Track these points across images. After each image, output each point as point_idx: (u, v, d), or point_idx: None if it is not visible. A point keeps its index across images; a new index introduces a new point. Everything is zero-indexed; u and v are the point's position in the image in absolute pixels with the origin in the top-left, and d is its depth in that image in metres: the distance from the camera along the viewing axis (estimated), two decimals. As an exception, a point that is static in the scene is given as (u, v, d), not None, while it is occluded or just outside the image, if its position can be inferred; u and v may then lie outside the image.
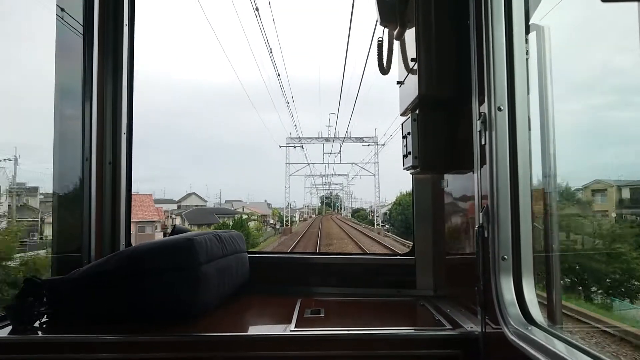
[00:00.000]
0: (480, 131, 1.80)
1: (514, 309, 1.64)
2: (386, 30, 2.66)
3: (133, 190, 3.01)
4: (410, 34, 2.35)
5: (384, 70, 2.63)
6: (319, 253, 15.21)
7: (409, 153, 2.30)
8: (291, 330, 2.03)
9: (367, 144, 55.19)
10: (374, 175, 60.88)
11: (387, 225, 62.30)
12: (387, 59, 2.62)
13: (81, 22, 2.74)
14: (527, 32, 1.77)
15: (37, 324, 2.11)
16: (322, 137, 57.72)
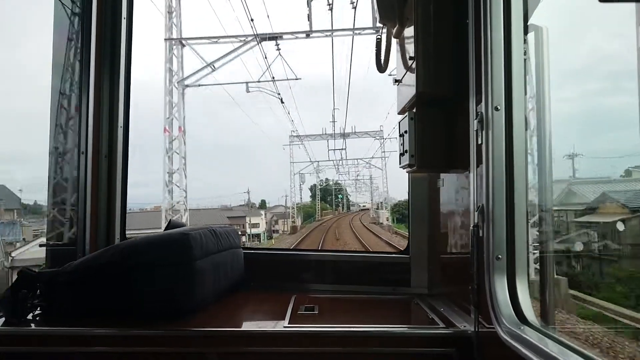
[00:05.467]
0: (477, 130, 1.80)
1: (507, 309, 1.65)
2: (384, 28, 2.65)
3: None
4: (408, 33, 2.35)
5: (382, 68, 2.63)
6: (315, 250, 15.22)
7: (406, 151, 2.30)
8: (285, 327, 2.04)
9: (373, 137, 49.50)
10: (382, 169, 60.68)
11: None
12: (384, 57, 2.62)
13: (79, 16, 2.73)
14: (526, 32, 1.77)
15: (30, 317, 2.11)
16: (326, 134, 50.97)
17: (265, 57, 21.24)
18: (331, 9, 20.32)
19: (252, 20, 19.00)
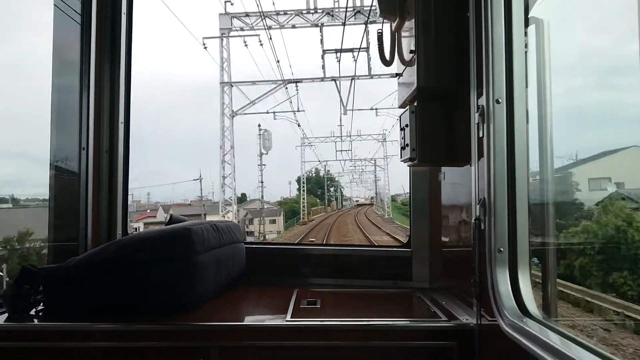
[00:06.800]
0: (478, 124, 1.80)
1: (509, 301, 1.65)
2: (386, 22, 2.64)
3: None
4: (409, 26, 2.34)
5: (387, 61, 2.62)
6: (316, 244, 15.22)
7: (407, 145, 2.30)
8: (287, 321, 2.04)
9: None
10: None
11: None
12: (390, 50, 2.61)
13: (79, 11, 2.72)
14: (527, 25, 1.76)
15: (32, 312, 2.11)
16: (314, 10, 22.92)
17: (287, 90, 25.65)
18: (339, 61, 23.85)
19: (278, 61, 22.85)
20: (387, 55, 2.61)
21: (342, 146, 54.42)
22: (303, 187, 55.68)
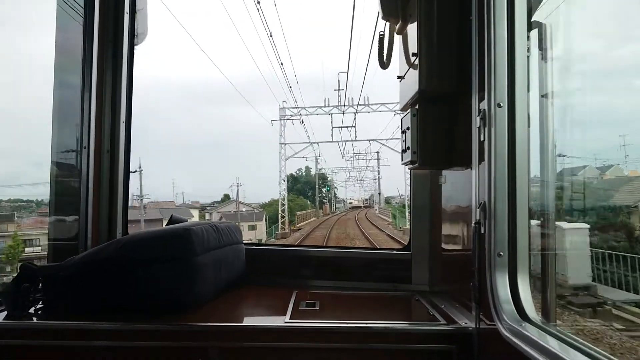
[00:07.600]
0: (479, 127, 1.80)
1: (508, 306, 1.65)
2: (388, 24, 2.65)
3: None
4: (411, 29, 2.34)
5: (384, 64, 2.63)
6: (316, 246, 15.17)
7: (408, 148, 2.30)
8: (286, 322, 2.04)
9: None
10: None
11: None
12: (387, 53, 2.61)
13: (82, 10, 2.73)
14: (529, 29, 1.76)
15: (32, 310, 2.11)
16: None
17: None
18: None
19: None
20: (385, 58, 2.62)
21: (342, 120, 38.67)
22: (283, 180, 40.69)
